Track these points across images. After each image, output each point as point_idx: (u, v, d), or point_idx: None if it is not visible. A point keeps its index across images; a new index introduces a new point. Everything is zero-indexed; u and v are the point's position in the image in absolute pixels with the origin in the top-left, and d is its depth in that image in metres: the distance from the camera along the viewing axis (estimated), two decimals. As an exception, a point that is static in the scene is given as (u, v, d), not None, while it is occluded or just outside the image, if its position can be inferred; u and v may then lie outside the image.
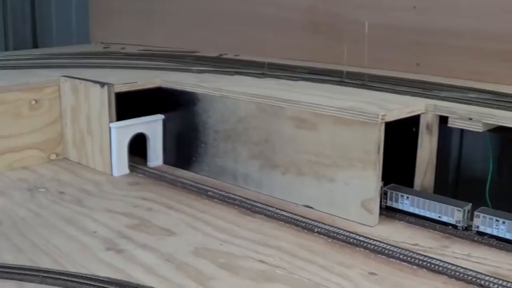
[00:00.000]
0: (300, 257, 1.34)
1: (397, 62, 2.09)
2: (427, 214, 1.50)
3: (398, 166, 1.61)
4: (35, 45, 3.65)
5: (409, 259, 1.31)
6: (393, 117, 1.50)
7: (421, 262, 1.30)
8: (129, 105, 1.89)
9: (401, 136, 1.61)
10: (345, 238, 1.42)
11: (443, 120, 1.58)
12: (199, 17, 2.70)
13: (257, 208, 1.60)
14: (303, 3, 2.36)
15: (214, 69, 2.14)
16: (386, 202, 1.56)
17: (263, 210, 1.58)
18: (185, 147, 1.91)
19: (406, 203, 1.53)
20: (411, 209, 1.52)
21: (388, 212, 1.55)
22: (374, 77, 1.90)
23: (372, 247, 1.37)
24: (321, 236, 1.45)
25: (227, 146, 1.79)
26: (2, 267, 1.26)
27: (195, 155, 1.88)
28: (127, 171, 1.90)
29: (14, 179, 1.83)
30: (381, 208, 1.53)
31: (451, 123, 1.56)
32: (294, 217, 1.53)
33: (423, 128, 1.59)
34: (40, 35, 3.68)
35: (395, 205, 1.55)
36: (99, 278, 1.22)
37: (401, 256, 1.33)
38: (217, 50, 2.59)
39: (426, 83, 1.84)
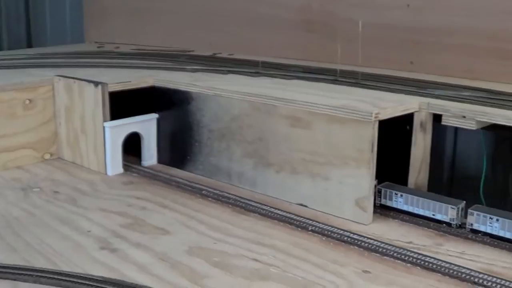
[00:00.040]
0: (294, 255, 1.34)
1: (391, 61, 2.09)
2: (421, 212, 1.50)
3: (392, 164, 1.61)
4: (29, 45, 3.64)
5: (403, 257, 1.32)
6: (386, 115, 1.50)
7: (415, 260, 1.30)
8: (123, 104, 1.89)
9: (395, 134, 1.61)
10: (339, 236, 1.42)
11: (437, 118, 1.59)
12: (194, 16, 2.70)
13: (251, 207, 1.60)
14: (297, 2, 2.36)
15: (208, 68, 2.14)
16: (380, 200, 1.56)
17: (257, 209, 1.58)
18: (179, 146, 1.91)
19: (400, 201, 1.53)
20: (405, 207, 1.53)
21: (382, 210, 1.55)
22: (368, 75, 1.90)
23: (366, 245, 1.38)
24: (315, 234, 1.45)
25: (221, 145, 1.79)
26: (-4, 266, 1.26)
27: (189, 154, 1.88)
28: (121, 170, 1.89)
29: (8, 178, 1.83)
30: (375, 206, 1.53)
31: (445, 121, 1.56)
32: (288, 215, 1.53)
33: (417, 126, 1.60)
34: (34, 34, 3.68)
35: (389, 203, 1.55)
36: (93, 277, 1.22)
37: (395, 254, 1.33)
38: (211, 49, 2.59)
39: (420, 81, 1.84)
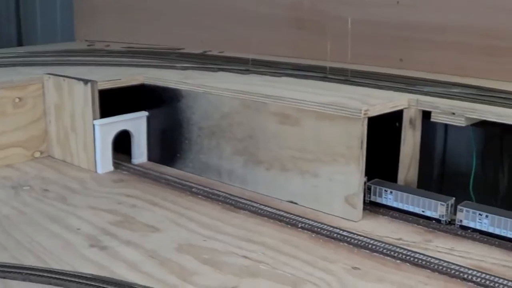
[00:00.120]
0: (284, 252, 1.34)
1: (380, 58, 2.10)
2: (411, 209, 1.50)
3: (381, 161, 1.62)
4: (19, 43, 3.63)
5: (392, 253, 1.32)
6: (376, 112, 1.50)
7: (404, 257, 1.30)
8: (113, 102, 1.88)
9: (384, 131, 1.62)
10: (328, 233, 1.42)
11: (426, 115, 1.59)
12: (184, 14, 2.70)
13: (241, 204, 1.60)
14: (287, 0, 2.36)
15: (198, 66, 2.15)
16: (370, 197, 1.56)
17: (247, 206, 1.58)
18: (169, 144, 1.91)
19: (389, 198, 1.54)
20: (394, 204, 1.53)
21: (372, 207, 1.56)
22: (357, 72, 1.90)
23: (356, 241, 1.38)
24: (305, 231, 1.45)
25: (211, 142, 1.79)
26: (-15, 265, 1.26)
27: (179, 151, 1.88)
28: (111, 168, 1.89)
29: (-2, 177, 1.83)
30: (364, 203, 1.54)
31: (434, 117, 1.56)
32: (278, 212, 1.53)
33: (406, 123, 1.60)
34: (25, 33, 3.67)
35: (378, 200, 1.55)
36: (83, 274, 1.22)
37: (384, 251, 1.33)
38: (202, 47, 2.59)
39: (409, 78, 1.85)
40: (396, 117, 1.60)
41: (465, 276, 1.22)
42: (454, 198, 1.48)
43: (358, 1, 2.14)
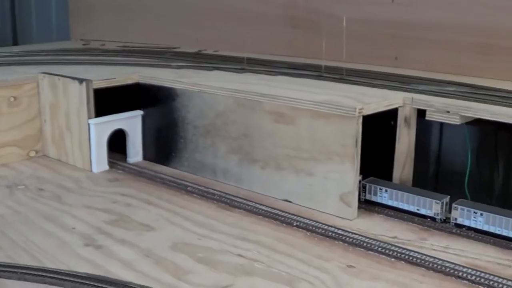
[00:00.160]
0: (279, 250, 1.34)
1: (375, 56, 2.10)
2: (406, 207, 1.50)
3: (376, 159, 1.62)
4: (15, 42, 3.64)
5: (387, 251, 1.32)
6: (370, 110, 1.50)
7: (399, 255, 1.30)
8: (108, 101, 1.88)
9: (379, 130, 1.62)
10: (323, 231, 1.43)
11: (421, 113, 1.59)
12: (179, 13, 2.70)
13: (236, 203, 1.60)
14: (282, -2, 2.36)
15: (193, 65, 2.14)
16: (365, 196, 1.56)
17: (242, 205, 1.58)
18: (164, 143, 1.91)
19: (384, 196, 1.54)
20: (389, 202, 1.53)
21: (367, 206, 1.56)
22: (352, 71, 1.90)
23: (351, 240, 1.38)
24: (300, 229, 1.45)
25: (206, 141, 1.79)
26: (-20, 264, 1.25)
27: (174, 150, 1.88)
28: (106, 167, 1.89)
29: (-7, 176, 1.83)
30: (359, 201, 1.54)
31: (429, 116, 1.56)
32: (273, 211, 1.53)
33: (401, 122, 1.60)
34: (20, 32, 3.67)
35: (373, 199, 1.55)
36: (78, 274, 1.22)
37: (379, 249, 1.33)
38: (197, 46, 2.59)
39: (404, 76, 1.85)
40: (391, 115, 1.60)
41: (460, 274, 1.22)
42: (449, 196, 1.48)
43: (353, -1, 2.15)
